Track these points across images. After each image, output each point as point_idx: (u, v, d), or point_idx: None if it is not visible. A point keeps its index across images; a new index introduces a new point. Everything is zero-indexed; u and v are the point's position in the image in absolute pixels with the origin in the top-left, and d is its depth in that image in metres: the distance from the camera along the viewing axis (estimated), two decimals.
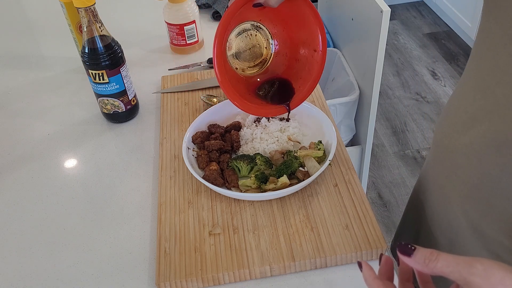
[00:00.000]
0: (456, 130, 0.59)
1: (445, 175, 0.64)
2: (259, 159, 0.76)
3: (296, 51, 0.83)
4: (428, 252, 0.42)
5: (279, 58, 0.85)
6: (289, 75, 0.85)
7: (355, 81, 1.61)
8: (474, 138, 0.55)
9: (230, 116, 0.88)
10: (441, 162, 0.65)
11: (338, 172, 0.76)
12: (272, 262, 0.64)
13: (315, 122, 0.83)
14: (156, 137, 0.90)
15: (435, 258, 0.41)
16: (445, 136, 0.62)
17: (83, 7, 0.81)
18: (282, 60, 0.85)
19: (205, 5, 1.32)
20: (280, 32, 0.83)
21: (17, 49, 1.23)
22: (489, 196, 0.55)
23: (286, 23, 0.81)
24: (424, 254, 0.42)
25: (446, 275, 0.40)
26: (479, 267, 0.39)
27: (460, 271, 0.39)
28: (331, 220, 0.68)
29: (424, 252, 0.42)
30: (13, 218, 0.77)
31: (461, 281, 0.40)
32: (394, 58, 2.77)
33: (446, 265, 0.40)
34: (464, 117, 0.57)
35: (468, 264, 0.39)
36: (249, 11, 0.74)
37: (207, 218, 0.71)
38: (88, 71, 0.88)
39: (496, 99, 0.51)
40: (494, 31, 0.52)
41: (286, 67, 0.85)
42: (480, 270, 0.38)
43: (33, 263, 0.70)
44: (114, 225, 0.74)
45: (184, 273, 0.64)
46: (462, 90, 0.60)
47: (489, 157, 0.53)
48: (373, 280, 0.46)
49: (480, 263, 0.39)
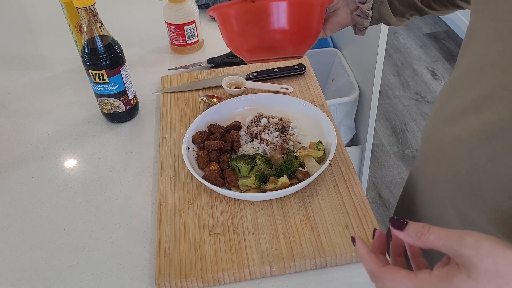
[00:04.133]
0: (446, 123, 0.60)
1: (435, 168, 0.64)
2: (259, 159, 0.76)
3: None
4: (420, 226, 0.42)
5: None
6: None
7: (355, 81, 1.61)
8: (464, 130, 0.56)
9: (230, 116, 0.88)
10: (431, 155, 0.65)
11: (338, 172, 0.76)
12: (272, 262, 0.64)
13: (315, 122, 0.83)
14: (156, 137, 0.90)
15: (427, 231, 0.42)
16: (435, 130, 0.63)
17: (83, 7, 0.81)
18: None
19: (205, 5, 1.32)
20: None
21: (17, 49, 1.23)
22: (478, 186, 0.56)
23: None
24: (416, 228, 0.42)
25: (438, 248, 0.41)
26: (469, 239, 0.39)
27: (451, 244, 0.40)
28: (331, 220, 0.69)
29: (416, 226, 0.43)
30: (13, 218, 0.77)
31: (452, 253, 0.40)
32: (394, 58, 2.77)
33: (438, 238, 0.41)
34: (454, 110, 0.58)
35: (459, 236, 0.40)
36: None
37: (207, 218, 0.71)
38: (88, 71, 0.88)
39: (484, 92, 0.52)
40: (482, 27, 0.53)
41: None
42: (470, 242, 0.39)
43: (33, 263, 0.70)
44: (114, 225, 0.74)
45: (184, 273, 0.64)
46: (452, 85, 0.61)
47: (478, 148, 0.54)
48: (367, 253, 0.47)
49: (471, 235, 0.40)
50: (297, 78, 0.99)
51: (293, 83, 0.97)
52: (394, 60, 2.75)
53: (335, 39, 1.83)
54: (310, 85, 0.97)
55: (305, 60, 1.03)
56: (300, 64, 1.00)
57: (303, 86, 0.96)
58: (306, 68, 0.99)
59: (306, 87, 0.96)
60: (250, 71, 1.02)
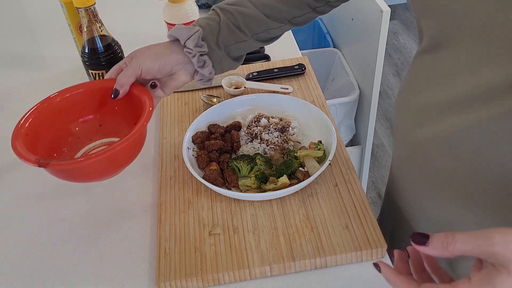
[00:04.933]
0: (419, 124, 0.60)
1: (417, 169, 0.64)
2: (259, 159, 0.76)
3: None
4: (443, 236, 0.41)
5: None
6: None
7: (355, 81, 1.61)
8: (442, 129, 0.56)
9: (230, 116, 0.88)
10: (410, 157, 0.65)
11: (338, 172, 0.76)
12: (272, 262, 0.64)
13: (315, 122, 0.83)
14: (156, 137, 0.90)
15: (451, 239, 0.40)
16: (408, 131, 0.63)
17: (83, 7, 0.81)
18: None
19: (205, 5, 1.32)
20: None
21: (17, 49, 1.23)
22: (466, 180, 0.56)
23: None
24: (441, 239, 0.41)
25: (467, 254, 0.40)
26: (497, 236, 0.39)
27: (480, 246, 0.39)
28: (331, 220, 0.68)
29: (440, 236, 0.41)
30: (13, 218, 0.77)
31: (483, 255, 0.40)
32: (394, 58, 2.77)
33: (465, 243, 0.40)
34: (427, 111, 0.58)
35: (486, 237, 0.39)
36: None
37: (207, 218, 0.71)
38: (88, 71, 0.88)
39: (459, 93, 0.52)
40: (441, 32, 0.53)
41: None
42: (499, 239, 0.39)
43: (33, 263, 0.69)
44: (114, 225, 0.74)
45: (184, 273, 0.64)
46: (415, 85, 0.61)
47: (460, 144, 0.54)
48: (396, 277, 0.45)
49: (497, 232, 0.39)
50: (297, 78, 0.99)
51: (293, 83, 0.97)
52: (394, 60, 2.75)
53: (335, 39, 1.83)
54: (310, 85, 0.97)
55: (305, 60, 1.03)
56: (300, 64, 1.00)
57: (303, 86, 0.96)
58: (306, 68, 0.99)
59: (306, 87, 0.96)
60: (250, 71, 1.02)
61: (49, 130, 0.73)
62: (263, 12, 0.72)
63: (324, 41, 1.88)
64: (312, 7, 0.74)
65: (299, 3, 0.73)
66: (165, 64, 0.70)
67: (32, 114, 0.72)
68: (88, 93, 0.75)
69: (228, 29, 0.72)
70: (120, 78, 0.70)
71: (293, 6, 0.73)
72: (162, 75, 0.72)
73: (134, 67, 0.70)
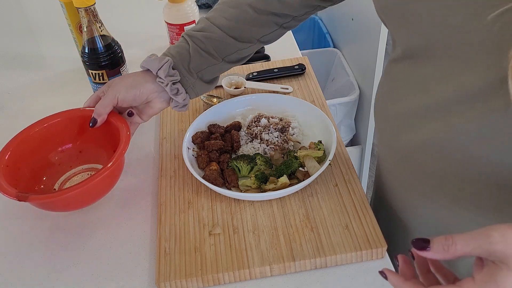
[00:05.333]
0: (404, 131, 0.60)
1: (408, 175, 0.64)
2: (259, 159, 0.76)
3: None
4: (443, 239, 0.41)
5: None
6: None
7: (355, 81, 1.61)
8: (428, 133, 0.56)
9: (230, 116, 0.88)
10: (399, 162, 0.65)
11: (338, 172, 0.76)
12: (272, 262, 0.64)
13: (315, 122, 0.83)
14: (156, 137, 0.90)
15: (451, 242, 0.41)
16: (393, 139, 0.63)
17: (83, 7, 0.81)
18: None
19: (205, 5, 1.32)
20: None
21: (17, 49, 1.23)
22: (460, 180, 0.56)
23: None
24: (441, 242, 0.41)
25: (468, 254, 0.41)
26: (495, 234, 0.39)
27: (480, 245, 0.40)
28: (331, 220, 0.68)
29: (440, 240, 0.42)
30: (13, 218, 0.77)
31: (484, 254, 0.40)
32: None
33: (465, 244, 0.40)
34: (409, 118, 0.58)
35: (485, 235, 0.40)
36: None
37: (207, 218, 0.71)
38: (88, 71, 0.88)
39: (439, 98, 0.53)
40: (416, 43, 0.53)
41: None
42: (498, 237, 0.39)
43: (33, 263, 0.69)
44: (114, 225, 0.74)
45: (184, 273, 0.64)
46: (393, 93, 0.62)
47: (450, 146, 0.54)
48: (404, 283, 0.45)
49: (495, 230, 0.40)
50: (297, 78, 0.99)
51: (293, 83, 0.97)
52: None
53: (335, 39, 1.83)
54: (310, 85, 0.97)
55: (305, 60, 1.03)
56: (300, 64, 1.00)
57: (303, 86, 0.96)
58: (306, 68, 0.99)
59: (306, 87, 0.96)
60: (250, 71, 1.02)
61: (29, 161, 0.75)
62: (230, 35, 0.73)
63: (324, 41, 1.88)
64: (278, 24, 0.75)
65: (265, 22, 0.74)
66: (140, 93, 0.73)
67: (11, 145, 0.73)
68: (67, 121, 0.78)
69: (198, 55, 0.73)
70: (98, 107, 0.73)
71: (259, 26, 0.74)
72: (138, 103, 0.75)
73: (110, 97, 0.72)
